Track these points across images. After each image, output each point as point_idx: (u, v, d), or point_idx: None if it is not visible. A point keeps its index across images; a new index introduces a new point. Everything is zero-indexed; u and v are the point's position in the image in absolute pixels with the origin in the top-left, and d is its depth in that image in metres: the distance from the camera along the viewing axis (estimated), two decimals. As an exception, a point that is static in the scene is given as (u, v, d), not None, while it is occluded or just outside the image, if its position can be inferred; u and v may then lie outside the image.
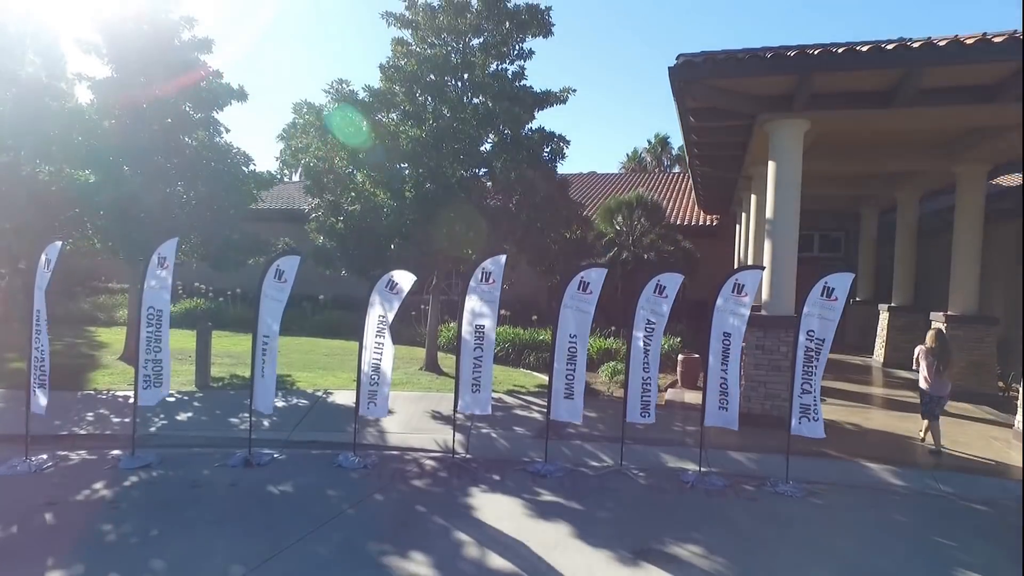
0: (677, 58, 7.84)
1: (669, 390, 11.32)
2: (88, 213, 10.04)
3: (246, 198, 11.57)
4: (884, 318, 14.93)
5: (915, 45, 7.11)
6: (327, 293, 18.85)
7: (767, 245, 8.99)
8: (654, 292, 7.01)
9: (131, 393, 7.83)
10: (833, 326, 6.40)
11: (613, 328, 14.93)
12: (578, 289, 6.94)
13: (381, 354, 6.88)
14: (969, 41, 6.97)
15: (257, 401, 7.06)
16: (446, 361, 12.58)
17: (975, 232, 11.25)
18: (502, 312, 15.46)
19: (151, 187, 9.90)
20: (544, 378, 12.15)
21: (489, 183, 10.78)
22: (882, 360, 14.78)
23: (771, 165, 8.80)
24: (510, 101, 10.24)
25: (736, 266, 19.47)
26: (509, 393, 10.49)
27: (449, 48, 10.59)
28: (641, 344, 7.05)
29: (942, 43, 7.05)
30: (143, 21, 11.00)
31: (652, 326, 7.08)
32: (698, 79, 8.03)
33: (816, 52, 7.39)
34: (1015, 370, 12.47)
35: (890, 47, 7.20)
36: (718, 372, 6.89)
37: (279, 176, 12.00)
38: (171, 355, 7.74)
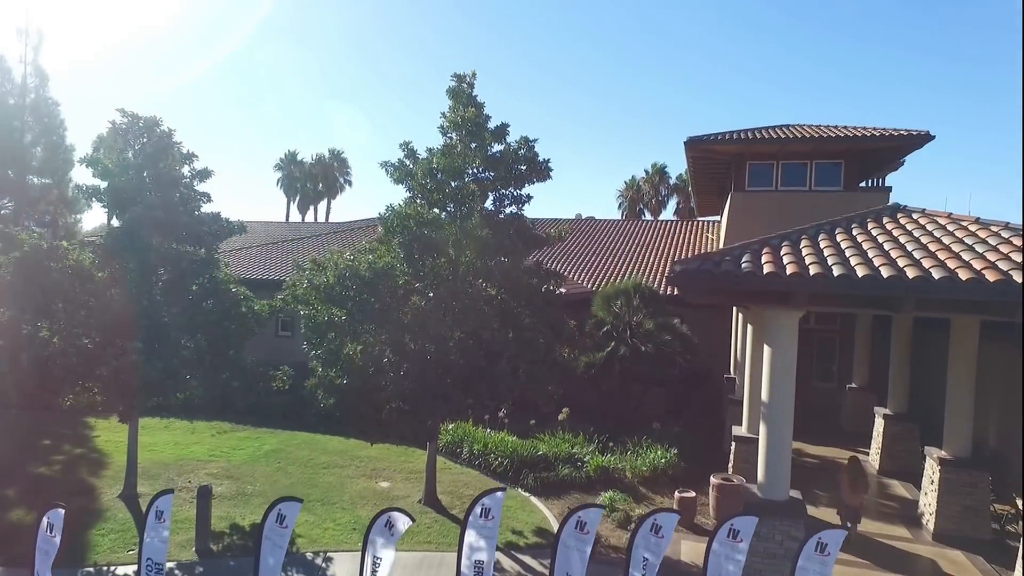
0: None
1: (666, 533, 11.39)
2: (87, 378, 10.07)
3: (247, 335, 11.63)
4: (880, 424, 15.04)
5: (910, 276, 7.17)
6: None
7: (763, 428, 9.06)
8: (650, 531, 7.06)
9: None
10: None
11: (607, 436, 14.99)
12: (575, 528, 7.01)
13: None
14: (964, 276, 7.03)
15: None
16: (446, 486, 12.67)
17: (969, 376, 11.32)
18: (499, 415, 15.58)
19: (152, 352, 9.93)
20: (545, 511, 12.27)
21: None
22: (877, 466, 14.89)
23: (767, 349, 8.86)
24: (508, 256, 10.30)
25: (732, 360, 19.57)
26: (507, 547, 10.55)
27: (447, 198, 10.64)
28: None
29: (936, 276, 7.11)
30: (145, 167, 11.05)
31: (648, 563, 7.13)
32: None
33: (813, 274, 7.44)
34: (1010, 498, 12.60)
35: (885, 274, 7.26)
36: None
37: (280, 308, 12.00)
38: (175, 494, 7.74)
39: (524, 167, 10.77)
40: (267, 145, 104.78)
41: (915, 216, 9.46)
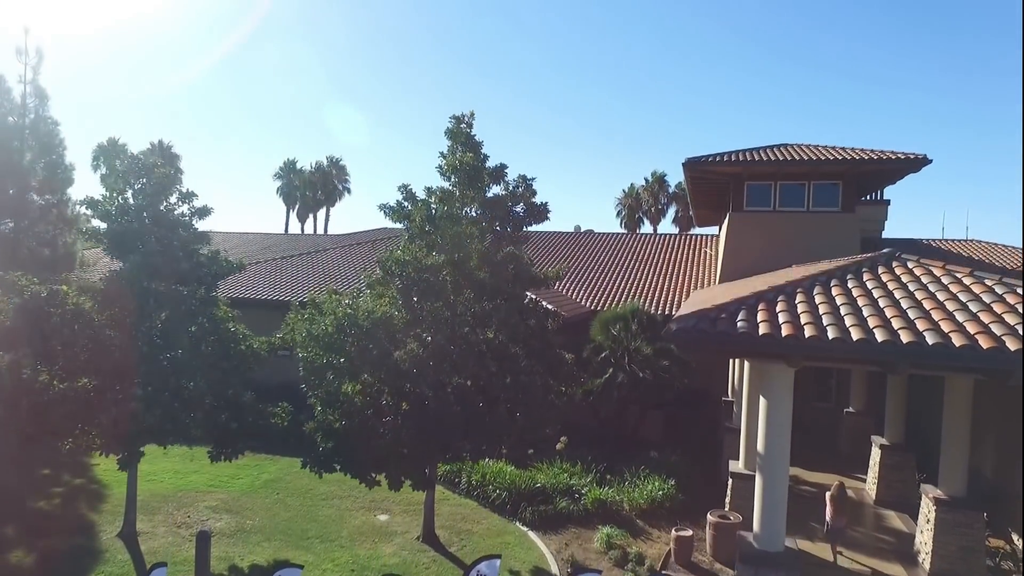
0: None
1: (664, 573, 11.44)
2: (87, 422, 10.11)
3: (246, 373, 11.68)
4: (876, 454, 15.10)
5: (904, 340, 7.23)
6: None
7: (758, 478, 9.11)
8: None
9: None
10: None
11: (605, 466, 15.06)
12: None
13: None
14: (958, 343, 7.09)
15: None
16: (444, 519, 12.71)
17: (964, 415, 11.35)
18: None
19: (152, 399, 9.98)
20: (542, 547, 12.31)
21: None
22: (874, 496, 14.95)
23: (763, 402, 8.92)
24: (506, 299, 10.35)
25: (730, 383, 19.59)
26: (504, 588, 10.59)
27: (445, 241, 10.68)
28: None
29: (931, 341, 7.17)
30: (145, 208, 11.08)
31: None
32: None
33: (808, 336, 7.49)
34: (1005, 532, 12.68)
35: (880, 338, 7.31)
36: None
37: (279, 347, 12.05)
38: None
39: (522, 210, 10.81)
40: (267, 151, 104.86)
41: (910, 265, 9.51)
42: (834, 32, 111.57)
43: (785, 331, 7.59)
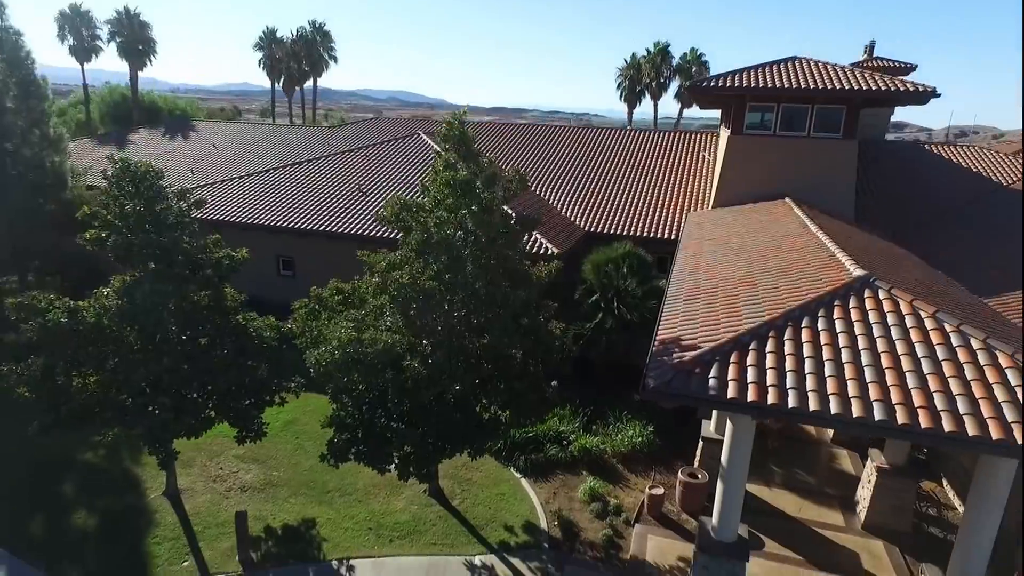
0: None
1: (637, 526, 13.31)
2: (122, 425, 11.22)
3: (260, 359, 12.60)
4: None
5: (853, 414, 8.10)
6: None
7: (719, 485, 10.43)
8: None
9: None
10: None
11: (591, 409, 16.61)
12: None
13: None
14: (900, 420, 7.97)
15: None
16: (446, 468, 14.38)
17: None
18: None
19: (180, 408, 11.02)
20: (533, 498, 14.05)
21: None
22: (831, 436, 16.67)
23: (729, 426, 9.97)
24: (503, 307, 11.04)
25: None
26: (500, 548, 12.43)
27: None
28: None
29: (878, 416, 8.05)
30: (145, 215, 11.28)
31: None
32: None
33: (769, 404, 8.35)
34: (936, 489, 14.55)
35: (833, 411, 8.17)
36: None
37: (290, 333, 12.82)
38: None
39: (518, 225, 11.13)
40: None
41: (882, 296, 10.05)
42: None
43: (751, 395, 8.43)
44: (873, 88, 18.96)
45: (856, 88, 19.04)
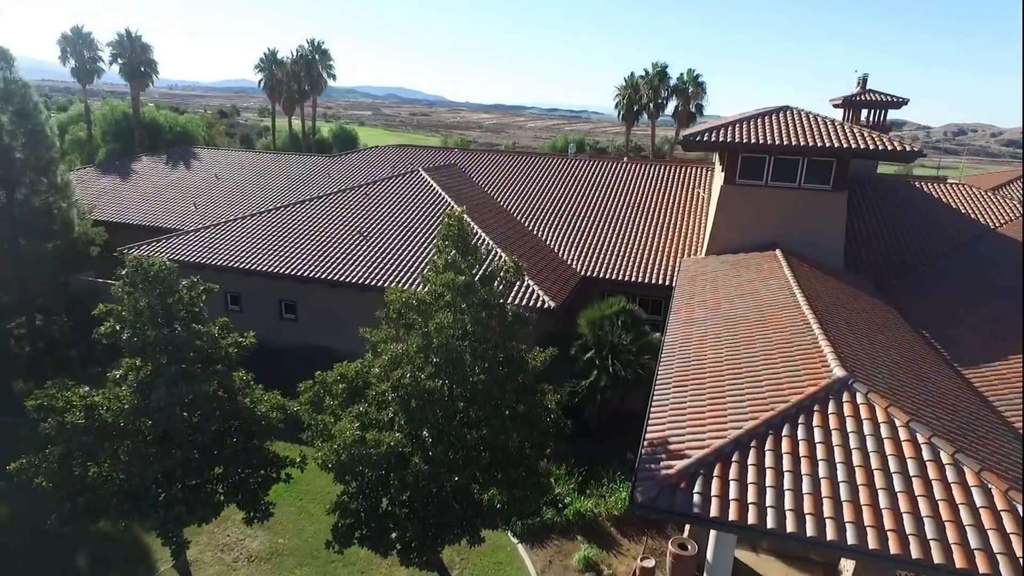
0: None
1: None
2: (138, 515, 11.75)
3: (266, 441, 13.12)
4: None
5: (827, 537, 8.65)
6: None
7: (707, 562, 11.01)
8: None
9: None
10: None
11: (586, 469, 17.17)
12: None
13: None
14: (871, 544, 8.52)
15: None
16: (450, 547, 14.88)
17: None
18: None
19: (194, 500, 11.56)
20: (530, 566, 14.62)
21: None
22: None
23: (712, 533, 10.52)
24: (501, 404, 11.55)
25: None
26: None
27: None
28: None
29: (850, 540, 8.59)
30: (159, 310, 11.75)
31: None
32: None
33: (749, 523, 8.89)
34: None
35: (808, 534, 8.71)
36: None
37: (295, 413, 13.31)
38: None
39: (516, 323, 11.65)
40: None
41: (859, 402, 10.61)
42: None
43: (732, 514, 8.98)
44: (861, 147, 19.48)
45: (845, 147, 19.55)
